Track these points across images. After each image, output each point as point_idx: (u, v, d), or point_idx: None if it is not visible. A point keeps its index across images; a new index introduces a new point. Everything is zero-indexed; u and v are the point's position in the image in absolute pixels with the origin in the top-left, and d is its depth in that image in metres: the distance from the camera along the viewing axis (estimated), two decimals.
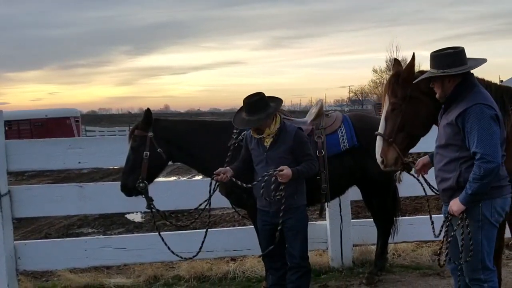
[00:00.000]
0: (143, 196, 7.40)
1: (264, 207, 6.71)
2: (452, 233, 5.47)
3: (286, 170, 6.38)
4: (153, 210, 7.50)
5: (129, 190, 7.44)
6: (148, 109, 7.49)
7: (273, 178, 6.42)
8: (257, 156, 6.78)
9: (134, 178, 7.35)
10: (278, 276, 6.94)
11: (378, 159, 6.07)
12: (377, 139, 6.08)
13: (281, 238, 6.80)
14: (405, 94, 5.82)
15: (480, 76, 5.77)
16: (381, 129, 6.02)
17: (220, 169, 6.79)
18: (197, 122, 8.14)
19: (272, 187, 6.43)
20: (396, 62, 6.29)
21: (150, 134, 7.37)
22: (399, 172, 6.47)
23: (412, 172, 6.28)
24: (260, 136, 6.67)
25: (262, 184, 6.48)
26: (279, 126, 6.69)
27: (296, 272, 6.78)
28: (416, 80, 5.64)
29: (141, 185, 7.30)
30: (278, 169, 6.39)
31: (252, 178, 6.82)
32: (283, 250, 6.94)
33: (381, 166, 6.09)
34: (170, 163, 7.81)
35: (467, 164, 5.26)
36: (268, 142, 6.66)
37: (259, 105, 6.60)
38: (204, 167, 7.82)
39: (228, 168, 6.85)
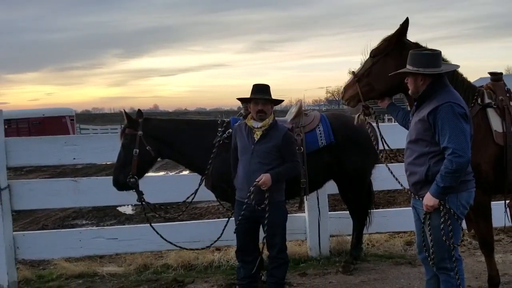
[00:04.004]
0: (134, 190, 7.43)
1: (243, 198, 6.65)
2: (429, 228, 5.50)
3: (265, 178, 6.39)
4: (143, 203, 7.54)
5: (121, 185, 7.46)
6: (139, 110, 7.64)
7: (252, 189, 6.45)
8: (243, 147, 6.74)
9: (125, 174, 7.38)
10: (249, 269, 6.88)
11: (342, 90, 6.72)
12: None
13: (254, 233, 6.81)
14: (384, 49, 6.18)
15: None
16: (357, 70, 6.46)
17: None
18: (184, 121, 8.17)
19: (257, 196, 6.47)
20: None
21: (140, 132, 7.40)
22: (358, 114, 6.71)
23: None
24: (260, 121, 6.65)
25: (252, 190, 6.47)
26: (272, 122, 6.70)
27: (272, 263, 6.78)
28: (392, 74, 5.72)
29: (131, 180, 7.34)
30: (257, 179, 6.41)
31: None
32: (256, 244, 6.95)
33: (342, 96, 6.73)
34: (159, 159, 7.84)
35: (435, 159, 5.29)
36: (258, 135, 6.63)
37: (268, 90, 6.73)
38: (190, 163, 7.85)
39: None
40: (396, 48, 6.09)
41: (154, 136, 7.51)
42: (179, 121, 8.11)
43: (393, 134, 6.89)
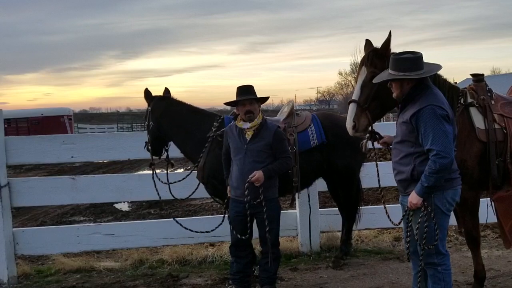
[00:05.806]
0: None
1: (238, 196, 6.68)
2: (410, 223, 5.51)
3: (258, 174, 6.43)
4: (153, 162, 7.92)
5: (147, 150, 7.91)
6: (167, 88, 8.07)
7: (247, 185, 6.45)
8: (236, 148, 6.75)
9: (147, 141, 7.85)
10: (242, 264, 6.92)
11: (350, 123, 5.89)
12: (350, 106, 5.95)
13: (248, 229, 6.82)
14: (384, 66, 5.74)
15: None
16: (355, 96, 5.93)
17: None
18: (190, 108, 8.03)
19: (252, 192, 6.46)
20: (368, 42, 6.16)
21: (149, 108, 7.79)
22: (365, 140, 6.28)
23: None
24: (249, 122, 6.65)
25: (246, 186, 6.46)
26: (261, 121, 6.71)
27: (265, 257, 6.81)
28: (377, 81, 5.62)
29: (148, 147, 7.82)
30: (250, 176, 6.44)
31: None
32: (250, 240, 6.96)
33: (351, 132, 5.92)
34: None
35: (420, 159, 5.31)
36: (249, 135, 6.66)
37: (252, 90, 6.73)
38: (183, 149, 7.88)
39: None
40: (386, 62, 5.90)
41: (159, 114, 7.74)
42: (186, 106, 8.04)
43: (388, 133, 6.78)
